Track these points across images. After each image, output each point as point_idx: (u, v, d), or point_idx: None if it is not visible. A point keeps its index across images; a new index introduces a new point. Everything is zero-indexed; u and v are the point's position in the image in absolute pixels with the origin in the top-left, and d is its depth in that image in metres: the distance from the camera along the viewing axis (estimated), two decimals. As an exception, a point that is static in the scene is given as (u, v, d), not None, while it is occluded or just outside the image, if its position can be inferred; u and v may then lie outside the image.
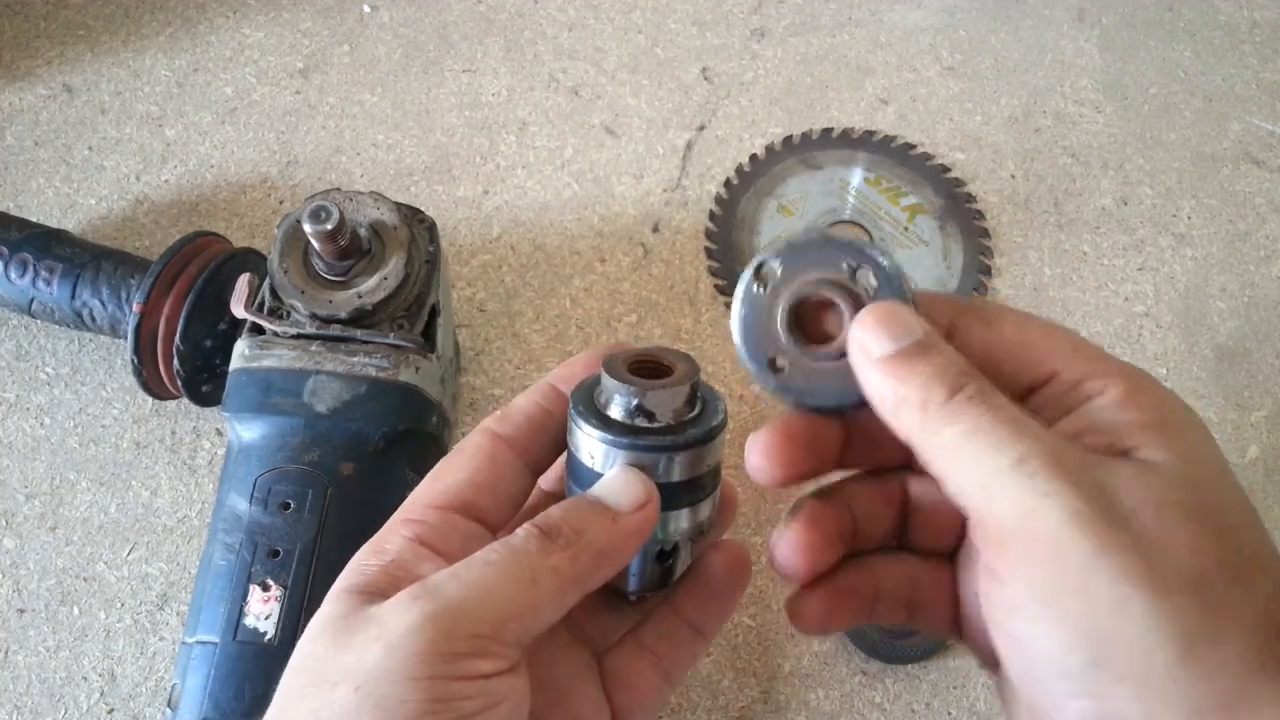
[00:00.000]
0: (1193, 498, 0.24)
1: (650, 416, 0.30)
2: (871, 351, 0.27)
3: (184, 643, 0.45)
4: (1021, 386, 0.28)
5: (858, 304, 0.29)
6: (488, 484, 0.31)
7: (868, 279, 0.29)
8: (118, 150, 0.71)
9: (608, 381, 0.30)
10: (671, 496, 0.31)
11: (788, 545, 0.31)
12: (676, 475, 0.31)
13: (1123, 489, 0.24)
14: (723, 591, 0.34)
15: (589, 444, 0.31)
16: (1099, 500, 0.24)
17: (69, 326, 0.59)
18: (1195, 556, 0.23)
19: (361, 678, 0.25)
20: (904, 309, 0.28)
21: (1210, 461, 0.26)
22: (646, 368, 0.32)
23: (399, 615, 0.26)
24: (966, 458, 0.25)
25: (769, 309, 0.30)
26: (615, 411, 0.31)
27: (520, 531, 0.28)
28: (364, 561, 0.29)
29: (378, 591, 0.28)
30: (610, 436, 0.30)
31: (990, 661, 0.29)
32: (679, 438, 0.30)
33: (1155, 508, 0.24)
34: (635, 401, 0.30)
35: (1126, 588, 0.23)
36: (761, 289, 0.30)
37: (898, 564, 0.33)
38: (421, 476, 0.32)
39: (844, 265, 0.29)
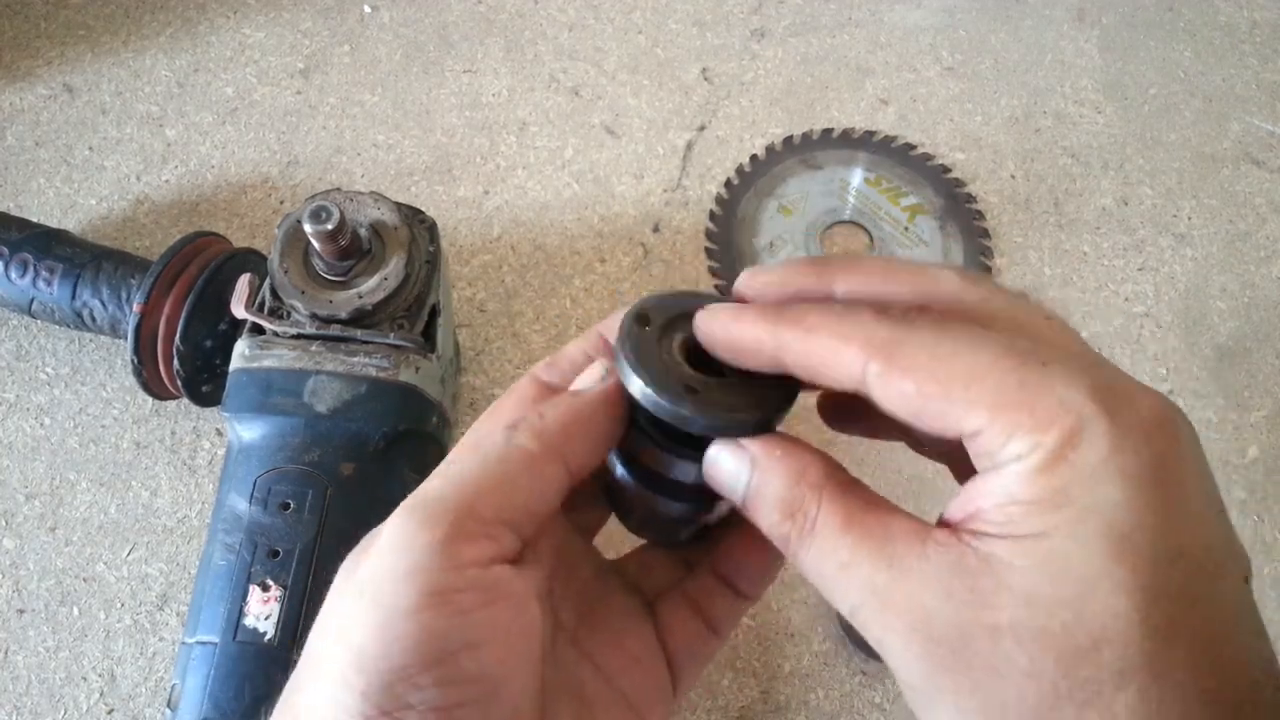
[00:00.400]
0: (1036, 619, 0.22)
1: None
2: (731, 500, 0.28)
3: (184, 643, 0.45)
4: (946, 439, 0.25)
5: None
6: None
7: None
8: (118, 150, 0.71)
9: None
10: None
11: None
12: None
13: (970, 606, 0.23)
14: (758, 562, 0.34)
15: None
16: (928, 641, 0.23)
17: (69, 326, 0.59)
18: (1034, 685, 0.22)
19: (365, 585, 0.26)
20: (720, 454, 0.27)
21: (1085, 559, 0.22)
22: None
23: (388, 525, 0.26)
24: (831, 599, 0.26)
25: (659, 347, 0.29)
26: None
27: None
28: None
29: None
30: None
31: None
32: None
33: (991, 632, 0.22)
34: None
35: None
36: (645, 330, 0.30)
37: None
38: (422, 477, 0.31)
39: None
